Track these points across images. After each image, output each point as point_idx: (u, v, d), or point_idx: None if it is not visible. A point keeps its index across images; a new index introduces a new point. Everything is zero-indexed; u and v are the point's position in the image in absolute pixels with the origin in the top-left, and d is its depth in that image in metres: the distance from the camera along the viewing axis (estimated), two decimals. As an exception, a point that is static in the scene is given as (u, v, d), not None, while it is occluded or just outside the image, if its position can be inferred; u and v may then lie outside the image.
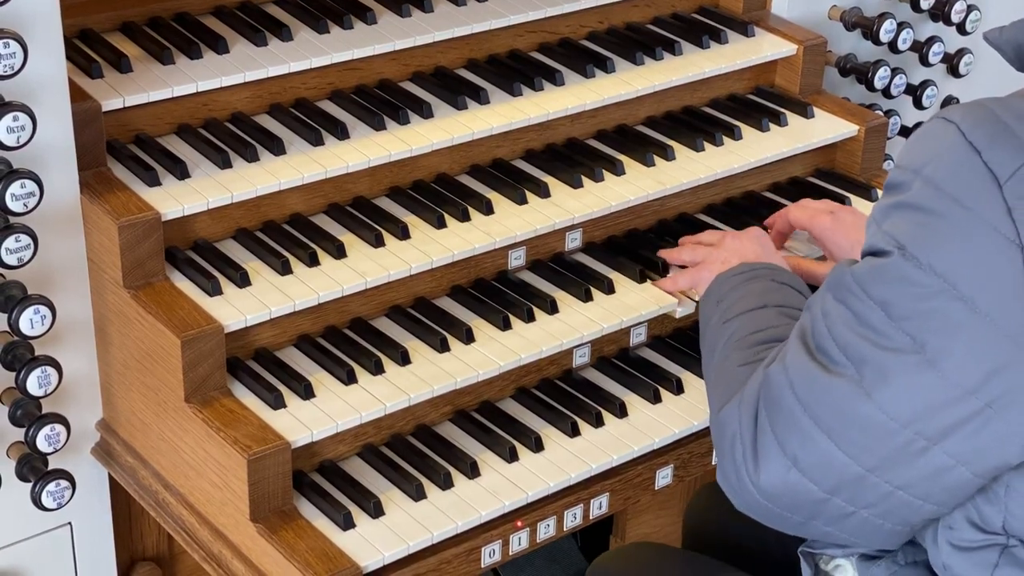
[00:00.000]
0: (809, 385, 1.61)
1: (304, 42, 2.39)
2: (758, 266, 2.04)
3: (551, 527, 2.09)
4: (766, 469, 1.65)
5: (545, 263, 2.35)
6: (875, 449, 1.58)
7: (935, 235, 1.51)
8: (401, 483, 2.04)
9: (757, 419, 1.67)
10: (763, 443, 1.65)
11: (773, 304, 1.92)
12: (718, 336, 1.90)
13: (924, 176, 1.53)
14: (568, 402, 2.21)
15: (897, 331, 1.54)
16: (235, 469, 1.95)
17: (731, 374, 1.80)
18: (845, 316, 1.58)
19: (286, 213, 2.26)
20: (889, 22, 2.87)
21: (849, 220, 2.30)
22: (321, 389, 2.07)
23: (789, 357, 1.65)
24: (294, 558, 1.90)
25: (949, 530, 1.67)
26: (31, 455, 2.11)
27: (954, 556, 1.67)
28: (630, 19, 2.75)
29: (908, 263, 1.52)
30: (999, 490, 1.60)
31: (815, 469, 1.62)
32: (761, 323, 1.88)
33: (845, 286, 1.59)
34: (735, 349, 1.84)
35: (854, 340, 1.57)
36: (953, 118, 1.53)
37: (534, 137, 2.49)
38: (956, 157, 1.50)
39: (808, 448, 1.62)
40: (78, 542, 2.31)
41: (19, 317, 1.99)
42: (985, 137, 1.49)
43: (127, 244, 2.05)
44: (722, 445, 1.72)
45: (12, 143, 1.91)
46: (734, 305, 1.94)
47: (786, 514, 1.69)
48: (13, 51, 1.87)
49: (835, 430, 1.60)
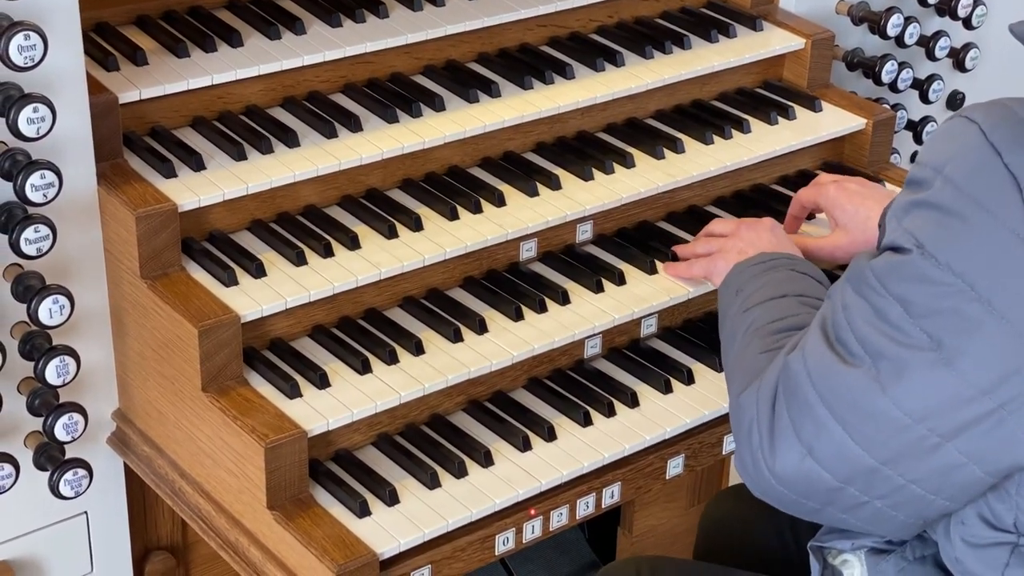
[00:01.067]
0: (826, 375, 1.63)
1: (317, 35, 2.41)
2: (777, 255, 2.06)
3: (564, 516, 2.11)
4: (782, 456, 1.67)
5: (556, 255, 2.37)
6: (888, 443, 1.60)
7: (954, 236, 1.53)
8: (416, 472, 2.06)
9: (775, 406, 1.69)
10: (779, 429, 1.67)
11: (793, 293, 1.94)
12: (738, 324, 1.92)
13: (945, 175, 1.54)
14: (580, 392, 2.23)
15: (915, 328, 1.56)
16: (252, 457, 1.97)
17: (751, 361, 1.82)
18: (864, 310, 1.60)
19: (300, 205, 2.28)
20: (896, 16, 2.89)
21: (853, 188, 2.31)
22: (336, 379, 2.09)
23: (809, 346, 1.67)
24: (311, 545, 1.92)
25: (961, 525, 1.69)
26: (48, 444, 2.13)
27: (966, 552, 1.69)
28: (639, 13, 2.77)
29: (927, 262, 1.54)
30: (1011, 488, 1.62)
31: (829, 459, 1.64)
32: (781, 312, 1.90)
33: (865, 280, 1.61)
34: (755, 337, 1.86)
35: (872, 334, 1.59)
36: (975, 117, 1.54)
37: (545, 130, 2.51)
38: (977, 158, 1.52)
39: (823, 438, 1.64)
40: (94, 531, 2.33)
41: (38, 307, 2.01)
42: (1006, 139, 1.51)
43: (144, 235, 2.07)
44: (740, 430, 1.74)
45: (32, 134, 1.93)
46: (754, 294, 1.96)
47: (801, 500, 1.71)
48: (33, 43, 1.89)
49: (849, 422, 1.62)
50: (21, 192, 1.95)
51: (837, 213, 2.31)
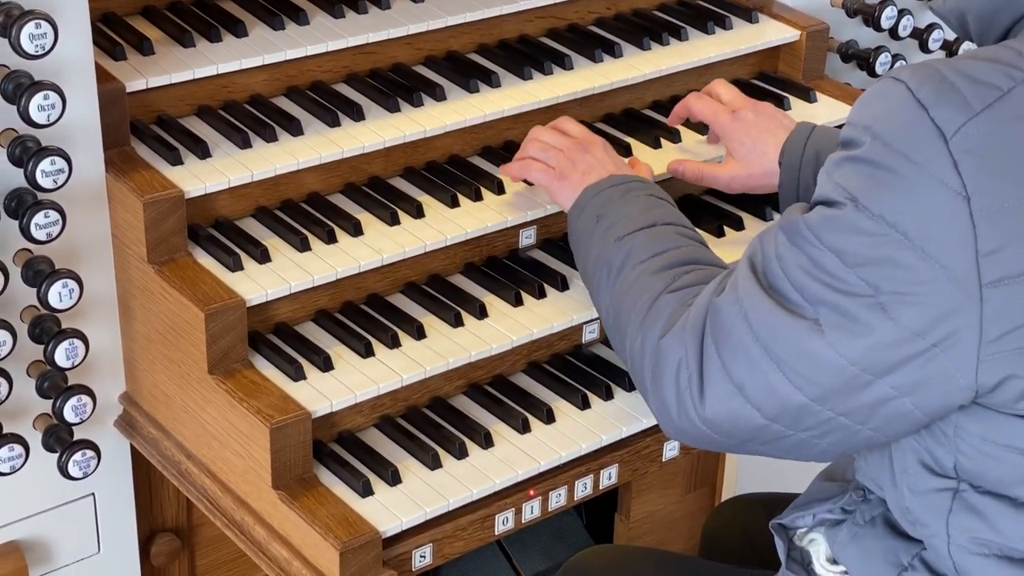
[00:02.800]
0: (764, 318, 1.69)
1: (320, 26, 2.45)
2: (628, 178, 2.13)
3: (562, 496, 2.15)
4: (711, 395, 1.74)
5: (555, 242, 2.41)
6: (821, 382, 1.67)
7: (886, 188, 1.59)
8: (417, 452, 2.10)
9: (703, 348, 1.75)
10: (709, 371, 1.74)
11: (663, 222, 2.01)
12: (611, 253, 1.99)
13: (874, 132, 1.61)
14: (578, 376, 2.27)
15: (851, 276, 1.62)
16: (258, 438, 2.01)
17: (652, 300, 1.87)
18: (800, 260, 1.67)
19: (304, 192, 2.32)
20: (890, 9, 2.93)
21: (751, 119, 2.36)
22: (339, 362, 2.13)
23: (742, 289, 1.72)
24: (316, 523, 1.96)
25: (905, 474, 1.76)
26: (57, 426, 2.17)
27: (913, 501, 1.76)
28: (636, 5, 2.81)
29: (861, 214, 1.61)
30: (948, 431, 1.69)
31: (759, 396, 1.71)
32: (661, 243, 1.97)
33: (799, 232, 1.67)
34: (646, 272, 1.93)
35: (810, 283, 1.66)
36: (902, 77, 1.61)
37: (544, 120, 2.53)
38: (904, 114, 1.58)
39: (756, 376, 1.70)
40: (101, 513, 2.37)
41: (48, 290, 2.05)
42: (932, 95, 1.57)
43: (152, 221, 2.11)
44: (662, 372, 1.79)
45: (43, 121, 1.97)
46: (620, 223, 2.03)
47: (721, 439, 1.78)
48: (44, 31, 1.93)
49: (785, 361, 1.68)
50: (32, 178, 1.99)
51: (734, 145, 2.36)
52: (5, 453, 2.11)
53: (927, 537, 1.77)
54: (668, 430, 1.83)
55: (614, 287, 1.97)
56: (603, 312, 2.02)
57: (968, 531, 1.72)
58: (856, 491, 1.89)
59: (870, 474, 1.85)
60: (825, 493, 1.95)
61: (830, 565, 1.90)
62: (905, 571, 1.79)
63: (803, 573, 1.93)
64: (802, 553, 1.94)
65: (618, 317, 1.94)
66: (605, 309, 2.01)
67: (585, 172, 2.21)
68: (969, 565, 1.73)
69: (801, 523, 1.95)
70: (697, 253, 1.98)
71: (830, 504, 1.91)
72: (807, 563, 1.93)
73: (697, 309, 1.78)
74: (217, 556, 2.69)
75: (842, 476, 1.97)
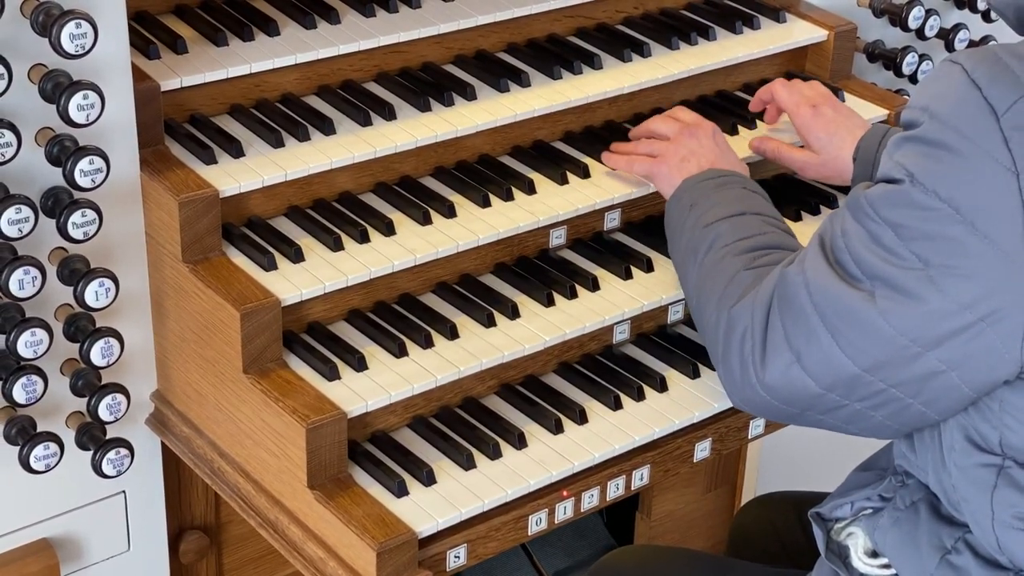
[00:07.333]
0: (823, 287, 1.76)
1: (351, 25, 2.45)
2: (726, 173, 2.21)
3: (595, 497, 2.16)
4: (772, 362, 1.82)
5: (585, 242, 2.42)
6: (872, 352, 1.74)
7: (940, 164, 1.66)
8: (451, 453, 2.11)
9: (769, 316, 1.83)
10: (772, 339, 1.82)
11: (752, 211, 2.10)
12: (699, 239, 2.08)
13: (931, 112, 1.68)
14: (610, 377, 2.28)
15: (905, 250, 1.69)
16: (293, 438, 2.01)
17: (731, 277, 1.96)
18: (861, 235, 1.74)
19: (336, 191, 2.32)
20: (917, 9, 2.93)
21: (829, 115, 2.45)
22: (373, 362, 2.13)
23: (808, 260, 1.80)
24: (351, 523, 1.96)
25: (952, 450, 1.80)
26: (91, 424, 2.18)
27: (959, 478, 1.80)
28: (664, 5, 2.81)
29: (916, 189, 1.67)
30: (994, 406, 1.74)
31: (815, 365, 1.78)
32: (747, 230, 2.05)
33: (861, 208, 1.75)
34: (729, 254, 2.01)
35: (868, 257, 1.73)
36: (959, 59, 1.67)
37: (573, 119, 2.55)
38: (959, 94, 1.65)
39: (812, 346, 1.77)
40: (131, 510, 2.38)
41: (84, 289, 2.05)
42: (986, 75, 1.63)
43: (187, 220, 2.11)
44: (730, 341, 1.88)
45: (82, 120, 1.97)
46: (710, 210, 2.11)
47: (783, 407, 1.85)
48: (84, 31, 1.93)
49: (839, 330, 1.75)
50: (70, 177, 1.99)
51: (811, 139, 2.44)
52: (41, 451, 2.11)
53: (970, 513, 1.80)
54: (733, 399, 1.91)
55: (699, 269, 2.05)
56: (689, 294, 2.09)
57: (1012, 507, 1.75)
58: (895, 476, 1.91)
59: (912, 457, 1.87)
60: (863, 481, 1.98)
61: (868, 559, 1.92)
62: (948, 554, 1.81)
63: (841, 566, 1.93)
64: (840, 547, 1.95)
65: (700, 297, 2.02)
66: (690, 291, 2.08)
67: (685, 158, 2.27)
68: (1012, 541, 1.76)
69: (839, 513, 1.96)
70: (780, 239, 2.05)
71: (868, 491, 1.94)
72: (845, 557, 1.94)
73: (768, 281, 1.86)
74: (244, 553, 2.69)
75: (879, 466, 1.99)
